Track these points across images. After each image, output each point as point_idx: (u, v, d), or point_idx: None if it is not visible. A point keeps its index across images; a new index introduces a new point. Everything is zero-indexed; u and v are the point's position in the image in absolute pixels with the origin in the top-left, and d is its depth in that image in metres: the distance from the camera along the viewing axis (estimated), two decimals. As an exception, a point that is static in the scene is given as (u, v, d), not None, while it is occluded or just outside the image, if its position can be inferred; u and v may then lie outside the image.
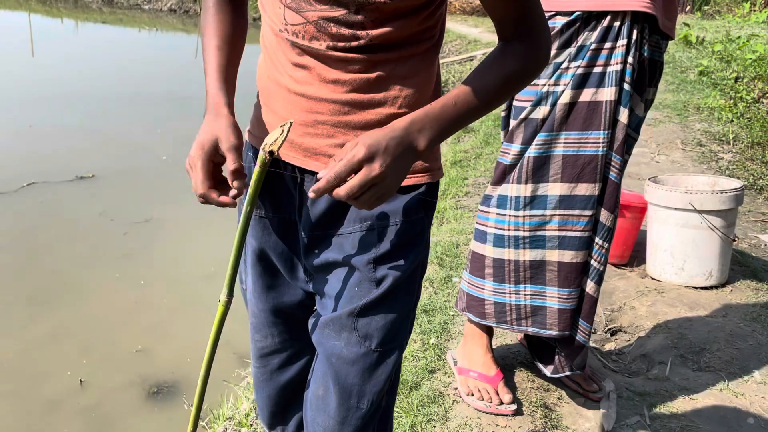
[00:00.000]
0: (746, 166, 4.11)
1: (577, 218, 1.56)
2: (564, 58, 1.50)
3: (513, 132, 1.58)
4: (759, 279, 2.65)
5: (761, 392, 1.89)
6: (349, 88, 0.89)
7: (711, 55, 6.93)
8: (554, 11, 1.49)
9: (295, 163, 0.94)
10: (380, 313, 0.93)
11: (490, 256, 1.64)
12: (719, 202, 2.41)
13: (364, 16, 0.84)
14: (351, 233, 0.94)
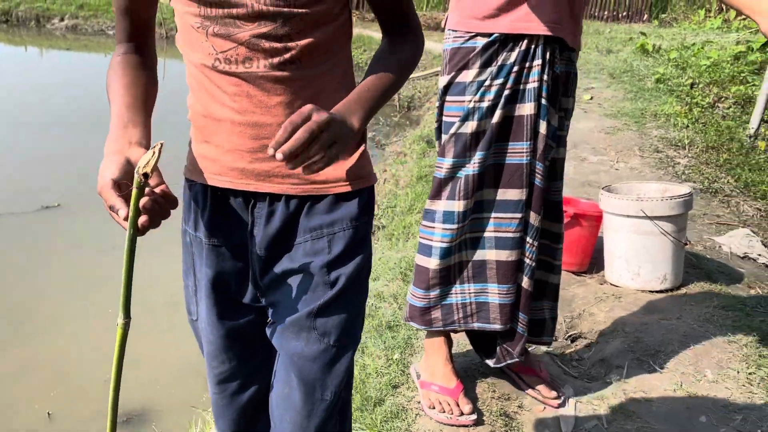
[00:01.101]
0: (701, 170, 4.24)
1: (509, 220, 1.69)
2: (486, 77, 1.61)
3: (444, 147, 1.67)
4: (713, 280, 2.74)
5: (713, 391, 1.96)
6: (291, 110, 0.95)
7: (667, 62, 7.14)
8: (475, 32, 1.59)
9: (249, 189, 1.00)
10: (336, 312, 1.02)
11: (436, 268, 1.71)
12: (669, 208, 2.50)
13: (291, 27, 0.93)
14: (303, 243, 1.02)
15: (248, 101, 0.95)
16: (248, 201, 1.01)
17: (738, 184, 4.05)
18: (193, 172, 1.03)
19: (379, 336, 2.16)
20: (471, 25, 1.60)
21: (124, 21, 1.00)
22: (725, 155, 4.48)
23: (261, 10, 0.91)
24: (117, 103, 0.93)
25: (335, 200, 1.01)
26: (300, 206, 1.01)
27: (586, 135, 4.98)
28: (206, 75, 0.96)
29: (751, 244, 3.18)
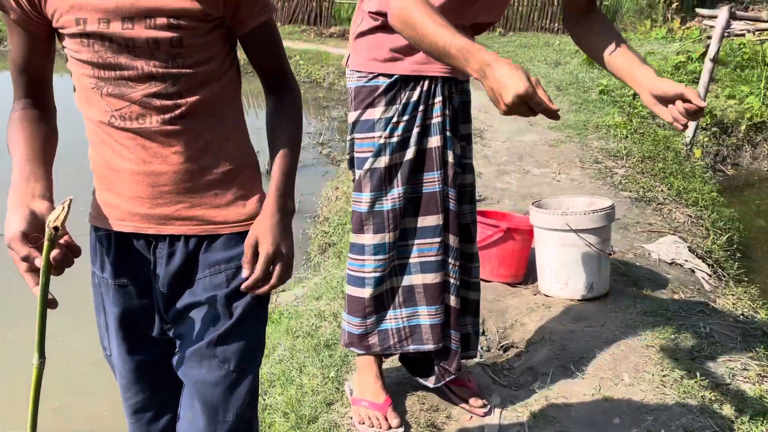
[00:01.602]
0: (637, 179, 4.44)
1: (430, 245, 1.80)
2: (393, 113, 1.71)
3: (361, 182, 1.76)
4: (639, 287, 2.90)
5: (629, 394, 2.09)
6: (184, 159, 1.05)
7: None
8: (377, 72, 1.69)
9: (150, 232, 1.09)
10: (234, 340, 1.11)
11: (370, 297, 1.80)
12: (592, 221, 2.65)
13: (179, 86, 1.02)
14: (203, 278, 1.10)
15: (145, 153, 1.04)
16: (150, 243, 1.09)
17: (671, 192, 4.26)
18: (98, 219, 1.11)
19: (317, 355, 2.24)
20: (372, 66, 1.71)
21: (22, 78, 1.07)
22: (660, 164, 4.70)
23: (151, 72, 1.00)
24: (18, 157, 1.01)
25: (231, 239, 1.10)
26: (199, 245, 1.10)
27: (530, 148, 5.16)
28: (104, 130, 1.04)
29: (679, 250, 3.36)
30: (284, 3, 13.90)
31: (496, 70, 1.20)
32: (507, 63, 1.21)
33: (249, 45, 1.11)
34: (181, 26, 1.00)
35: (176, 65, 1.01)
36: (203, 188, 1.08)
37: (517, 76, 1.18)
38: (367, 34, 1.73)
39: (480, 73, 1.24)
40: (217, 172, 1.08)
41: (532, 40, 10.65)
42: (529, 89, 1.17)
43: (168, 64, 1.00)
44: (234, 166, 1.10)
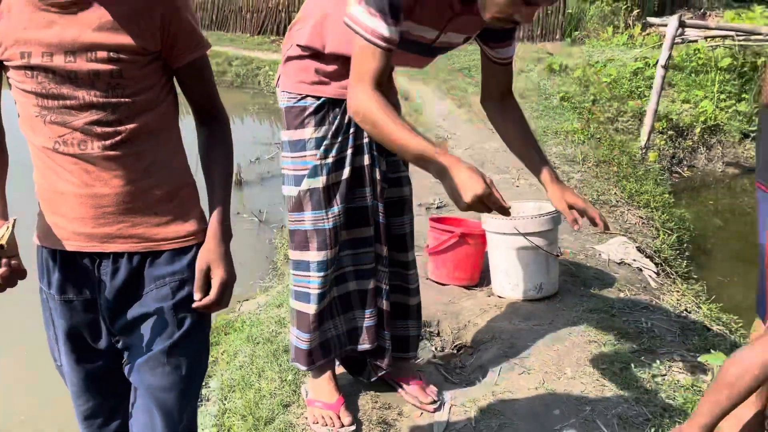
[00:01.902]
0: (592, 183, 4.62)
1: (364, 255, 1.92)
2: (324, 134, 1.80)
3: (300, 201, 1.84)
4: (587, 286, 3.04)
5: (570, 387, 2.22)
6: (125, 182, 1.14)
7: (572, 81, 7.64)
8: (305, 94, 1.79)
9: (95, 250, 1.18)
10: (185, 347, 1.21)
11: (315, 312, 1.90)
12: (539, 224, 2.79)
13: (119, 114, 1.11)
14: (149, 291, 1.20)
15: (87, 176, 1.13)
16: (94, 260, 1.18)
17: (623, 195, 4.44)
18: (44, 239, 1.20)
19: (275, 360, 2.33)
20: (301, 88, 1.80)
21: None
22: (615, 168, 4.88)
23: (92, 101, 1.09)
24: None
25: (173, 254, 1.20)
26: (143, 261, 1.19)
27: (492, 155, 5.31)
28: (48, 156, 1.13)
29: (627, 250, 3.53)
30: (253, 14, 13.99)
31: (457, 172, 1.33)
32: (466, 167, 1.34)
33: (182, 78, 1.21)
34: (120, 59, 1.09)
35: (116, 95, 1.10)
36: (144, 208, 1.17)
37: (474, 179, 1.31)
38: (295, 59, 1.82)
39: (440, 175, 1.37)
40: (156, 192, 1.18)
41: (498, 48, 10.86)
42: (485, 190, 1.31)
43: (108, 94, 1.09)
44: (173, 186, 1.20)
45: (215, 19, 14.45)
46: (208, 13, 14.40)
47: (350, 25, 1.50)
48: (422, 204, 4.17)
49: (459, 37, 1.73)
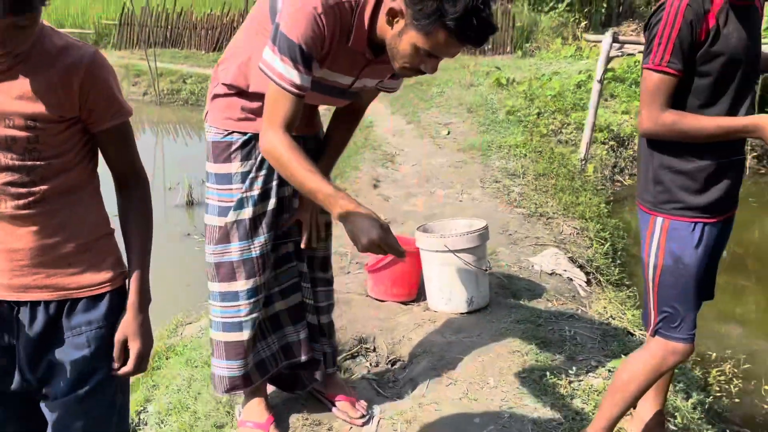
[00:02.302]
0: (531, 196, 4.81)
1: (288, 271, 2.04)
2: (250, 168, 1.89)
3: (227, 233, 1.92)
4: (517, 298, 3.20)
5: (491, 395, 2.36)
6: (38, 238, 1.22)
7: (518, 94, 7.90)
8: (231, 130, 1.89)
9: (12, 299, 1.25)
10: (99, 394, 1.28)
11: (249, 338, 1.98)
12: (467, 241, 2.94)
13: (34, 176, 1.19)
14: (66, 339, 1.27)
15: (3, 233, 1.20)
16: (13, 308, 1.25)
17: (560, 206, 4.64)
18: None
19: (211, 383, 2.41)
20: (227, 124, 1.89)
21: None
22: (553, 181, 5.09)
23: (7, 164, 1.17)
24: None
25: (89, 302, 1.28)
26: (60, 309, 1.26)
27: (438, 170, 5.48)
28: None
29: (558, 261, 3.71)
30: (207, 31, 14.00)
31: (355, 217, 1.45)
32: (364, 213, 1.46)
33: (102, 143, 1.28)
34: (37, 127, 1.16)
35: (32, 158, 1.17)
36: (58, 260, 1.24)
37: (371, 224, 1.43)
38: (221, 97, 1.91)
39: (341, 218, 1.49)
40: (70, 245, 1.24)
41: (450, 61, 11.09)
42: (381, 235, 1.43)
43: (24, 158, 1.16)
44: (88, 239, 1.27)
45: (169, 37, 14.41)
46: (162, 30, 14.36)
47: (264, 71, 1.62)
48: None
49: (372, 81, 1.88)
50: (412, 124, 7.13)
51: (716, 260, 1.92)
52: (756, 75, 1.75)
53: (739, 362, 3.37)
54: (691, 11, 1.57)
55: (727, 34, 1.61)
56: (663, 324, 1.80)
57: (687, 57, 1.61)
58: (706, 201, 1.73)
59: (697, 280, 1.76)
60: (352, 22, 1.62)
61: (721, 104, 1.67)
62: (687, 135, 1.65)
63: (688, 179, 1.72)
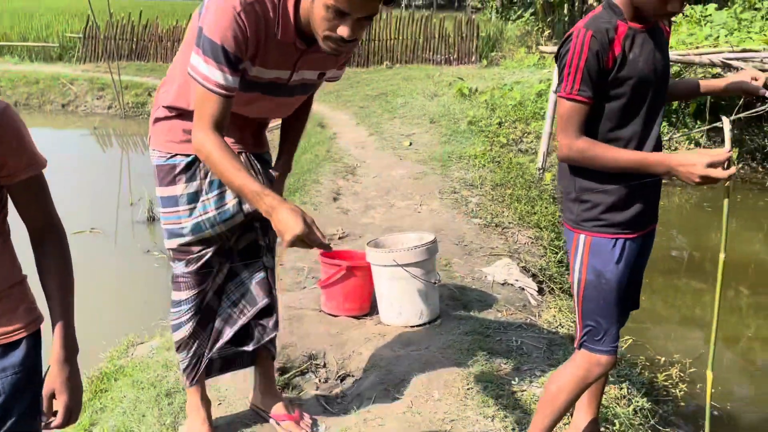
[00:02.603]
0: (488, 206, 4.89)
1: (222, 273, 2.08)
2: (197, 189, 1.91)
3: (180, 256, 1.97)
4: (468, 309, 3.26)
5: (435, 409, 2.40)
6: None
7: (480, 104, 8.01)
8: (175, 153, 1.91)
9: None
10: None
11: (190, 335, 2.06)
12: (415, 255, 2.99)
13: None
14: None
15: None
16: None
17: (515, 216, 4.72)
18: None
19: (157, 405, 2.42)
20: (170, 147, 1.91)
21: None
22: (510, 191, 5.18)
23: None
24: None
25: (4, 350, 1.28)
26: None
27: (398, 182, 5.53)
28: None
29: (510, 271, 3.78)
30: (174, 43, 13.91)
31: (279, 213, 1.50)
32: (288, 208, 1.50)
33: (14, 196, 1.27)
34: None
35: None
36: None
37: (295, 220, 1.48)
38: (163, 120, 1.94)
39: (267, 213, 1.54)
40: None
41: (415, 72, 11.23)
42: (304, 230, 1.48)
43: None
44: (0, 289, 1.27)
45: (135, 49, 14.30)
46: (128, 43, 14.24)
47: (191, 74, 1.66)
48: (324, 235, 4.31)
49: (313, 73, 1.87)
50: (375, 136, 7.19)
51: (639, 273, 1.99)
52: (665, 92, 1.81)
53: (686, 366, 3.47)
54: (596, 42, 1.63)
55: (634, 59, 1.68)
56: (587, 337, 1.86)
57: (596, 84, 1.67)
58: (625, 218, 1.80)
59: (619, 295, 1.83)
60: (277, 14, 1.64)
61: (634, 125, 1.74)
62: (599, 163, 1.72)
63: (606, 198, 1.78)
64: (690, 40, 7.04)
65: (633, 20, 1.69)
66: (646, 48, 1.70)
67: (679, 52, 6.39)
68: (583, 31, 1.65)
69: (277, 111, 2.00)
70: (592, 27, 1.65)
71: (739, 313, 4.42)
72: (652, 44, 1.71)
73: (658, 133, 1.78)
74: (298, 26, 1.68)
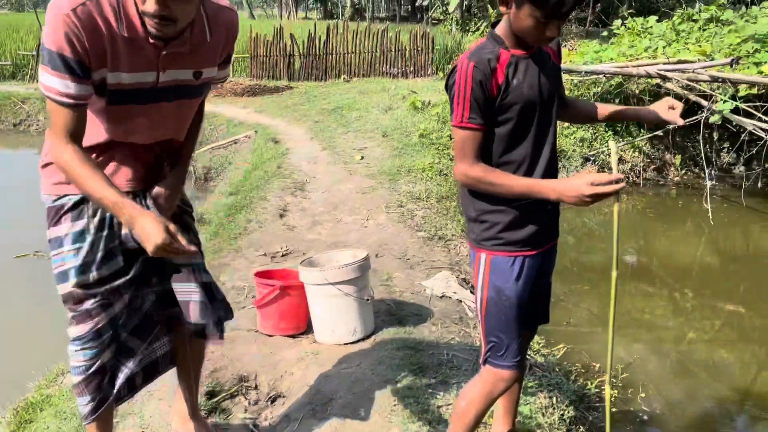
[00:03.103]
0: (433, 219, 4.95)
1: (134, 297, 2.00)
2: (84, 227, 1.83)
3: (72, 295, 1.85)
4: (403, 324, 3.30)
5: (361, 427, 2.43)
6: None
7: (431, 117, 8.11)
8: (63, 194, 1.84)
9: None
10: None
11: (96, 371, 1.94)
12: (347, 273, 3.02)
13: None
14: None
15: None
16: None
17: (458, 229, 4.79)
18: None
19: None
20: (58, 188, 1.84)
21: None
22: (454, 203, 5.25)
23: None
24: None
25: None
26: None
27: (346, 196, 5.57)
28: None
29: (449, 284, 3.83)
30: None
31: (140, 223, 1.53)
32: (149, 218, 1.53)
33: None
34: None
35: None
36: None
37: (156, 229, 1.51)
38: (50, 165, 1.85)
39: (129, 223, 1.57)
40: None
41: (372, 85, 11.31)
42: (166, 239, 1.52)
43: None
44: None
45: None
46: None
47: (41, 89, 1.63)
48: (267, 253, 4.32)
49: (186, 73, 1.76)
50: (328, 150, 7.21)
51: (545, 289, 2.05)
52: (552, 114, 1.85)
53: (618, 371, 3.56)
54: (478, 72, 1.70)
55: (518, 84, 1.75)
56: (491, 353, 1.91)
57: (485, 112, 1.74)
58: (523, 236, 1.86)
59: (519, 311, 1.89)
60: (117, 11, 1.57)
61: (523, 148, 1.80)
62: (493, 189, 1.78)
63: (503, 218, 1.84)
64: (630, 51, 7.25)
65: (515, 47, 1.76)
66: (531, 73, 1.77)
67: (619, 64, 6.59)
68: (466, 62, 1.72)
69: (165, 126, 1.86)
70: (474, 58, 1.71)
71: (682, 315, 4.55)
72: (536, 69, 1.78)
73: (549, 154, 1.84)
74: None
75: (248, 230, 4.75)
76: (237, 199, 5.50)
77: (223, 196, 5.79)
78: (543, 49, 1.82)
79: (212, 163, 8.13)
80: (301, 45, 12.98)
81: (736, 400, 3.52)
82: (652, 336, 4.19)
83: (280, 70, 13.13)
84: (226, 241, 4.53)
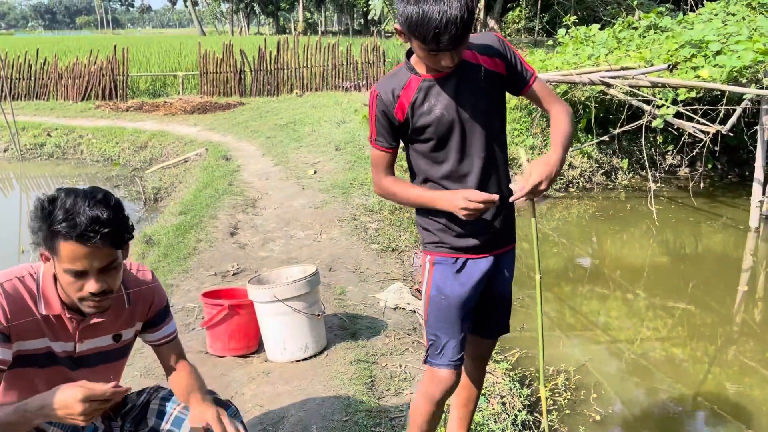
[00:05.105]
0: (386, 231, 4.95)
1: None
2: None
3: None
4: (356, 338, 3.27)
5: (312, 444, 2.39)
6: None
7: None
8: None
9: None
10: None
11: None
12: (296, 289, 2.98)
13: None
14: None
15: None
16: None
17: (411, 239, 4.80)
18: None
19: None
20: None
21: None
22: (407, 214, 5.26)
23: None
24: None
25: None
26: None
27: (299, 212, 5.52)
28: None
29: (402, 295, 3.83)
30: (74, 80, 13.46)
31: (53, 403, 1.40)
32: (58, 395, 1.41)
33: None
34: None
35: None
36: None
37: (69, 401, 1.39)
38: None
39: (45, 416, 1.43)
40: None
41: (325, 99, 11.31)
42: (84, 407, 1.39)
43: None
44: None
45: (33, 88, 13.71)
46: (26, 82, 13.64)
47: None
48: (217, 273, 4.24)
49: (105, 339, 1.73)
50: (280, 166, 7.16)
51: (500, 297, 2.01)
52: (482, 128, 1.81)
53: (571, 374, 3.60)
54: (381, 102, 1.77)
55: (429, 108, 1.75)
56: (430, 351, 1.92)
57: (393, 135, 1.82)
58: (461, 240, 1.87)
59: (459, 312, 1.88)
60: (37, 290, 1.60)
61: (447, 164, 1.82)
62: (397, 199, 1.88)
63: (436, 224, 1.88)
64: (574, 60, 7.43)
65: (429, 71, 1.76)
66: (446, 93, 1.76)
67: (563, 72, 6.74)
68: (373, 90, 1.81)
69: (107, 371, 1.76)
70: (380, 88, 1.79)
71: (635, 315, 4.64)
72: (454, 89, 1.76)
73: (482, 165, 1.82)
74: (65, 299, 1.62)
75: (198, 250, 4.65)
76: (187, 218, 5.39)
77: (172, 216, 5.66)
78: (471, 62, 1.79)
79: (162, 182, 7.97)
80: (251, 60, 12.91)
81: (689, 396, 3.60)
82: (605, 337, 4.25)
83: (231, 87, 13.02)
84: (176, 262, 4.42)
